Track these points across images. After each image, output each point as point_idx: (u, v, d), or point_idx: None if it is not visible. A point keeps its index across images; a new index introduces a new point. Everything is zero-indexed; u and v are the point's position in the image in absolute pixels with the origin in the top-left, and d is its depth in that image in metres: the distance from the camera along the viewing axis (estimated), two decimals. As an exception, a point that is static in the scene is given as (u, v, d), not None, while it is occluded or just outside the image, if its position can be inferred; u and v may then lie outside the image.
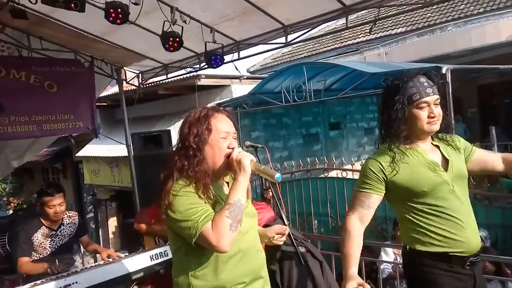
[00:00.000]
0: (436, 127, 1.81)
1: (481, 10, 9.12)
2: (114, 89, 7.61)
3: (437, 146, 1.89)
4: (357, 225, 1.85)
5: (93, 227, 10.66)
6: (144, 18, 3.68)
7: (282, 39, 4.19)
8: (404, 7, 3.78)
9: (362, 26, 7.23)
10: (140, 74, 5.53)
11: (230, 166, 1.59)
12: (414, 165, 1.80)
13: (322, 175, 5.41)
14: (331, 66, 6.12)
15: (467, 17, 9.01)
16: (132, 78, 5.64)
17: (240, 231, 1.56)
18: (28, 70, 4.52)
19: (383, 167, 1.83)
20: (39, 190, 3.37)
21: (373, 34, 10.51)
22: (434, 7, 9.73)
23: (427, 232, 1.79)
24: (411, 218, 1.83)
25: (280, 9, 3.77)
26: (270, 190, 5.07)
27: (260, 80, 7.04)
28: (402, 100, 1.76)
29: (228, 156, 1.60)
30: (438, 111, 1.78)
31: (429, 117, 1.77)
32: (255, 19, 3.88)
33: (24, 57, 4.46)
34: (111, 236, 10.22)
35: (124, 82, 5.60)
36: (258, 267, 1.72)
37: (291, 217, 5.49)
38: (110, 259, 3.13)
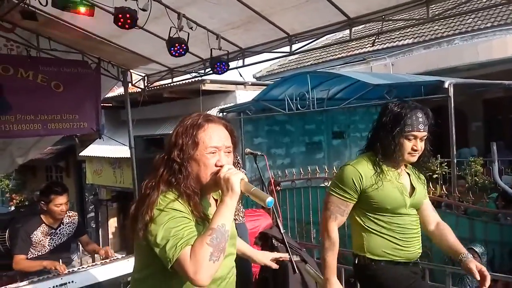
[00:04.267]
0: (414, 159, 2.03)
1: (489, 24, 9.13)
2: (120, 90, 7.68)
3: (408, 174, 2.11)
4: (337, 233, 2.05)
5: (93, 226, 10.71)
6: (151, 23, 3.73)
7: (286, 48, 4.23)
8: (409, 21, 3.81)
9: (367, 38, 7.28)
10: (145, 77, 5.58)
11: (218, 183, 1.40)
12: (387, 183, 2.00)
13: (323, 184, 5.43)
14: (335, 76, 6.16)
15: (474, 31, 9.02)
16: (138, 81, 5.70)
17: None
18: (36, 70, 4.58)
19: (361, 176, 1.99)
20: (46, 188, 3.40)
21: (380, 44, 10.55)
22: (442, 20, 9.76)
23: (378, 242, 2.01)
24: (367, 227, 2.04)
25: (285, 19, 3.81)
26: (269, 197, 5.10)
27: (265, 87, 7.09)
28: (396, 127, 1.96)
29: (216, 174, 1.41)
30: (421, 145, 2.00)
31: (412, 149, 1.98)
32: (260, 27, 3.93)
33: (32, 56, 4.53)
34: (110, 236, 10.27)
35: (130, 84, 5.66)
36: None
37: (290, 225, 5.50)
38: (109, 258, 3.18)
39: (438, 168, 6.66)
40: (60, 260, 3.09)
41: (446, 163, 6.80)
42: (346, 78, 6.10)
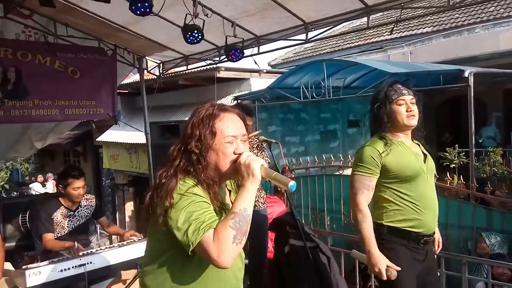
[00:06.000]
0: (414, 121, 2.19)
1: (511, 13, 8.85)
2: (135, 77, 7.74)
3: (418, 144, 2.28)
4: (367, 207, 2.16)
5: (110, 210, 10.94)
6: (167, 11, 3.74)
7: (302, 36, 4.19)
8: (429, 9, 3.72)
9: (385, 26, 7.15)
10: (161, 64, 5.61)
11: (237, 171, 1.42)
12: (403, 152, 2.16)
13: (337, 172, 5.41)
14: (352, 64, 6.08)
15: (496, 19, 8.76)
16: (153, 68, 5.73)
17: None
18: (53, 56, 4.63)
19: (379, 152, 2.15)
20: (64, 172, 3.49)
21: (398, 33, 10.34)
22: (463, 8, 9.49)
23: (398, 211, 2.14)
24: (388, 197, 2.16)
25: (301, 6, 3.76)
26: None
27: (280, 75, 7.05)
28: (384, 100, 2.19)
29: (235, 162, 1.43)
30: (414, 108, 2.17)
31: (407, 111, 2.15)
32: (275, 15, 3.89)
33: (50, 43, 4.58)
34: (127, 219, 10.48)
35: (145, 71, 5.70)
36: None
37: (304, 212, 5.52)
38: (134, 238, 3.25)
39: (456, 158, 6.56)
40: (76, 242, 3.16)
41: (464, 153, 6.69)
42: (362, 66, 6.02)
